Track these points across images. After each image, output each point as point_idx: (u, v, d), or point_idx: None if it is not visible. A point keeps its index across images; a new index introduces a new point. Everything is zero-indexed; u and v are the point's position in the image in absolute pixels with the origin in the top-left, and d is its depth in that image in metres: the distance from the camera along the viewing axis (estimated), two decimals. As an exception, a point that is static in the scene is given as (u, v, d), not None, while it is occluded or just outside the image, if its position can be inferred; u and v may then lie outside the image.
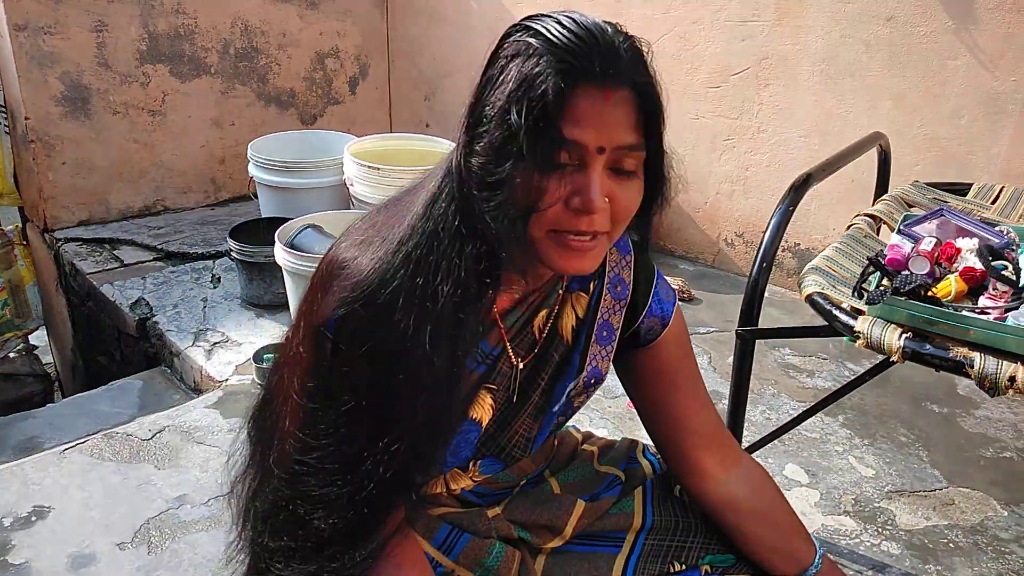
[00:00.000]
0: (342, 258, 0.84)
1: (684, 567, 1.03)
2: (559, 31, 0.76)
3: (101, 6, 3.27)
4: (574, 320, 0.98)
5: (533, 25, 0.79)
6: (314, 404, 0.84)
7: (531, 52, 0.76)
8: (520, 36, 0.79)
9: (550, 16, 0.79)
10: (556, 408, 0.99)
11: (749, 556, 1.05)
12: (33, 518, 1.79)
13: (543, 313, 0.96)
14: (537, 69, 0.75)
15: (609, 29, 0.79)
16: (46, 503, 1.83)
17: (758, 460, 1.82)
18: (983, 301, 1.33)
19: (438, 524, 1.00)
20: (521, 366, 0.96)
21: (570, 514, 1.05)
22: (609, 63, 0.76)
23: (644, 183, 0.83)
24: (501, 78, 0.78)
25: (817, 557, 1.03)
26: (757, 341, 1.56)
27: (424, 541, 0.98)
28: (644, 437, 1.23)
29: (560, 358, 0.98)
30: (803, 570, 1.03)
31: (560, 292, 0.97)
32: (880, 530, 1.80)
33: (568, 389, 0.99)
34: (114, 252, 3.28)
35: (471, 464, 1.00)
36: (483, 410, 0.95)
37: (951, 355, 1.25)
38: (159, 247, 3.27)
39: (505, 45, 0.80)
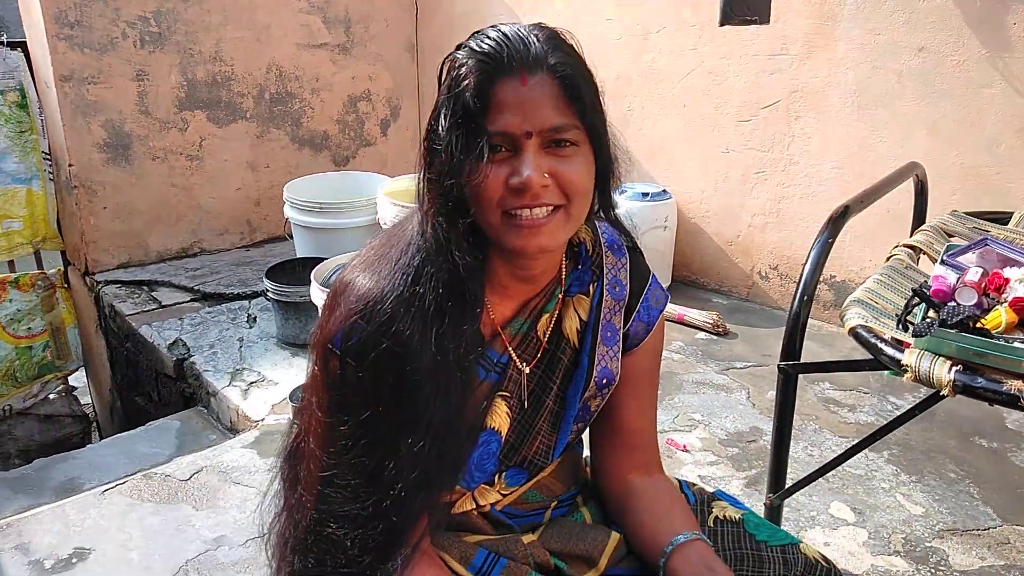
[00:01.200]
0: (346, 279, 0.90)
1: None
2: (482, 39, 0.85)
3: (142, 56, 3.38)
4: (578, 323, 1.00)
5: (467, 42, 0.87)
6: (330, 419, 0.88)
7: (458, 63, 0.85)
8: (454, 53, 0.87)
9: (481, 31, 0.88)
10: (572, 413, 1.00)
11: (634, 547, 1.02)
12: (74, 560, 1.80)
13: (545, 318, 0.98)
14: (461, 75, 0.84)
15: (526, 27, 0.87)
16: (86, 544, 1.84)
17: (801, 497, 1.78)
18: (1035, 332, 1.29)
19: (475, 550, 0.99)
20: (528, 371, 0.98)
21: (604, 545, 1.04)
22: (522, 53, 0.83)
23: (591, 158, 0.88)
24: (440, 91, 0.87)
25: (691, 534, 0.97)
26: (799, 378, 1.54)
27: (460, 566, 0.97)
28: (681, 475, 1.21)
29: (569, 361, 1.00)
30: (672, 537, 0.97)
31: (560, 296, 0.99)
32: (933, 571, 1.74)
33: (581, 392, 1.00)
34: (152, 294, 3.34)
35: (496, 478, 1.00)
36: (500, 418, 0.97)
37: (1005, 388, 1.21)
38: (196, 288, 3.32)
39: (445, 64, 0.88)
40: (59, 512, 1.96)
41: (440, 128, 0.84)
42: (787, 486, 1.63)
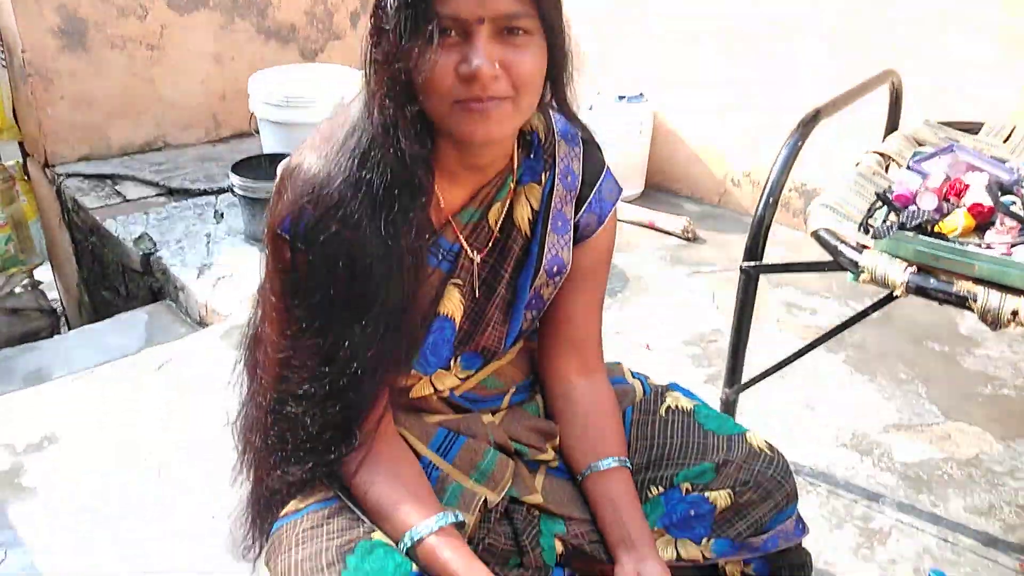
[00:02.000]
0: (294, 163, 0.88)
1: (663, 489, 1.05)
2: None
3: (95, -67, 3.18)
4: (529, 212, 1.00)
5: None
6: (284, 303, 0.89)
7: None
8: None
9: None
10: (523, 301, 1.01)
11: (563, 447, 1.08)
12: (44, 444, 1.83)
13: (496, 206, 0.98)
14: None
15: None
16: (56, 430, 1.87)
17: (759, 393, 1.85)
18: (990, 236, 1.33)
19: (435, 429, 1.03)
20: (479, 259, 0.99)
21: (554, 437, 1.09)
22: None
23: (544, 47, 0.85)
24: None
25: (612, 460, 1.03)
26: (763, 281, 1.57)
27: (421, 444, 1.01)
28: (641, 370, 1.24)
29: (520, 250, 1.00)
30: (595, 461, 1.04)
31: (512, 185, 0.99)
32: (876, 462, 1.83)
33: (532, 280, 1.01)
34: (116, 188, 3.26)
35: (452, 363, 1.02)
36: (453, 305, 0.98)
37: (955, 290, 1.25)
38: (161, 183, 3.25)
39: None
40: (27, 399, 1.98)
41: (388, 5, 0.80)
42: (743, 382, 1.69)
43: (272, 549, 0.88)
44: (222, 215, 3.02)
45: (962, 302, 1.24)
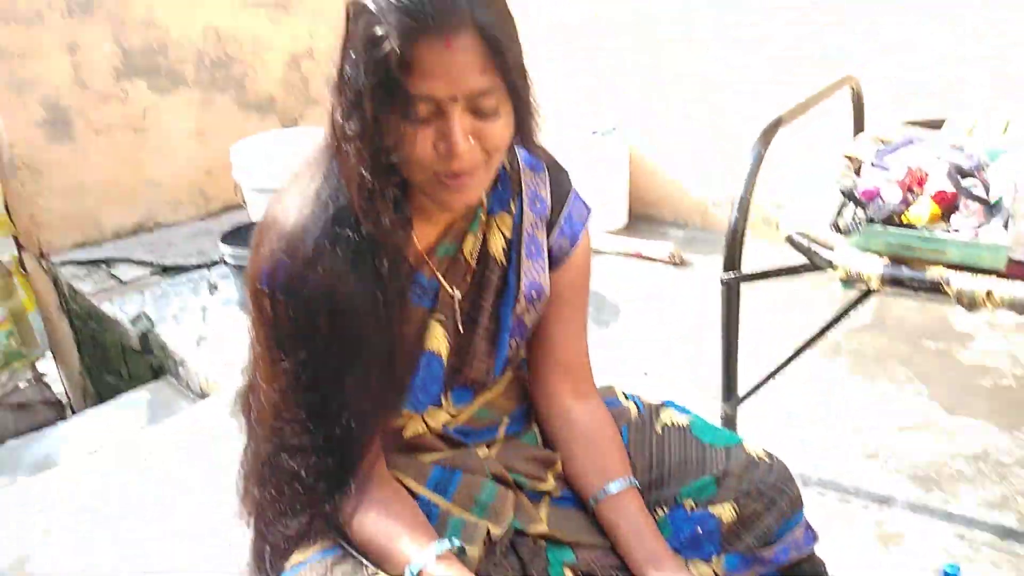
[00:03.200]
0: (269, 217, 0.90)
1: (667, 509, 1.05)
2: None
3: (72, 26, 3.28)
4: (503, 241, 1.01)
5: None
6: (271, 356, 0.89)
7: (370, 11, 0.78)
8: None
9: None
10: (507, 329, 1.02)
11: (567, 474, 1.07)
12: (52, 529, 1.82)
13: (470, 239, 0.99)
14: (377, 30, 0.77)
15: None
16: (63, 514, 1.86)
17: (761, 407, 1.85)
18: (956, 221, 1.34)
19: (430, 468, 1.02)
20: (459, 296, 0.99)
21: (554, 464, 1.08)
22: (446, 10, 0.77)
23: (512, 111, 0.86)
24: (349, 38, 0.81)
25: (622, 481, 1.03)
26: (757, 299, 1.58)
27: (417, 485, 1.00)
28: (636, 392, 1.25)
29: (499, 280, 1.01)
30: (605, 484, 1.03)
31: (483, 217, 1.00)
32: (884, 464, 1.82)
33: (512, 308, 1.01)
34: (111, 271, 3.31)
35: (443, 399, 1.03)
36: (438, 341, 0.98)
37: (928, 276, 1.26)
38: (155, 262, 3.29)
39: (352, 4, 0.82)
40: (33, 484, 1.98)
41: (357, 82, 0.80)
42: (739, 395, 1.69)
43: None
44: (216, 287, 3.05)
45: (937, 287, 1.25)
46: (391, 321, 0.89)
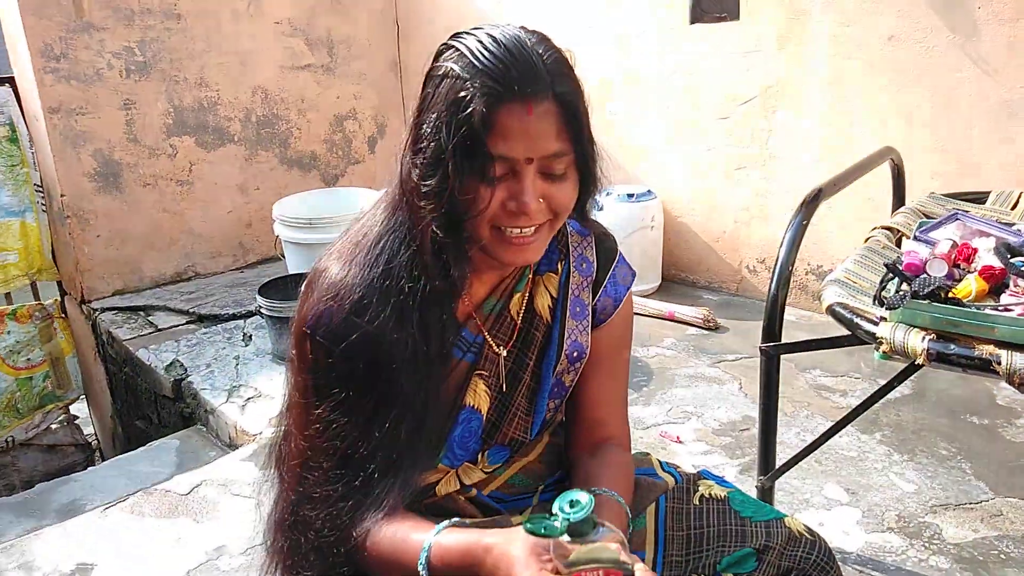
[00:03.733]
0: (320, 267, 0.93)
1: (705, 575, 1.02)
2: (481, 52, 0.83)
3: (128, 85, 3.42)
4: (549, 300, 1.03)
5: (457, 45, 0.86)
6: (305, 401, 0.91)
7: (456, 75, 0.83)
8: (447, 56, 0.86)
9: (472, 34, 0.86)
10: (547, 388, 1.03)
11: None
12: (77, 574, 1.81)
13: (517, 297, 1.01)
14: (463, 93, 0.82)
15: (529, 41, 0.85)
16: (88, 560, 1.86)
17: (798, 482, 1.80)
18: (1005, 299, 1.32)
19: None
20: (504, 353, 1.01)
21: None
22: (529, 79, 0.82)
23: (578, 177, 0.90)
24: (433, 100, 0.85)
25: (600, 491, 0.97)
26: (790, 366, 1.56)
27: None
28: (675, 462, 1.23)
29: (543, 338, 1.02)
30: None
31: (530, 276, 1.02)
32: (927, 545, 1.75)
33: (553, 366, 1.02)
34: (148, 318, 3.37)
35: (479, 456, 1.03)
36: (479, 397, 0.99)
37: (976, 353, 1.24)
38: (191, 311, 3.35)
39: (436, 66, 0.87)
40: (61, 531, 1.98)
41: (441, 140, 0.84)
42: (777, 467, 1.65)
43: None
44: (250, 337, 3.09)
45: (986, 365, 1.22)
46: (431, 374, 0.90)
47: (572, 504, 0.74)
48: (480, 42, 0.85)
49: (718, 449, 2.17)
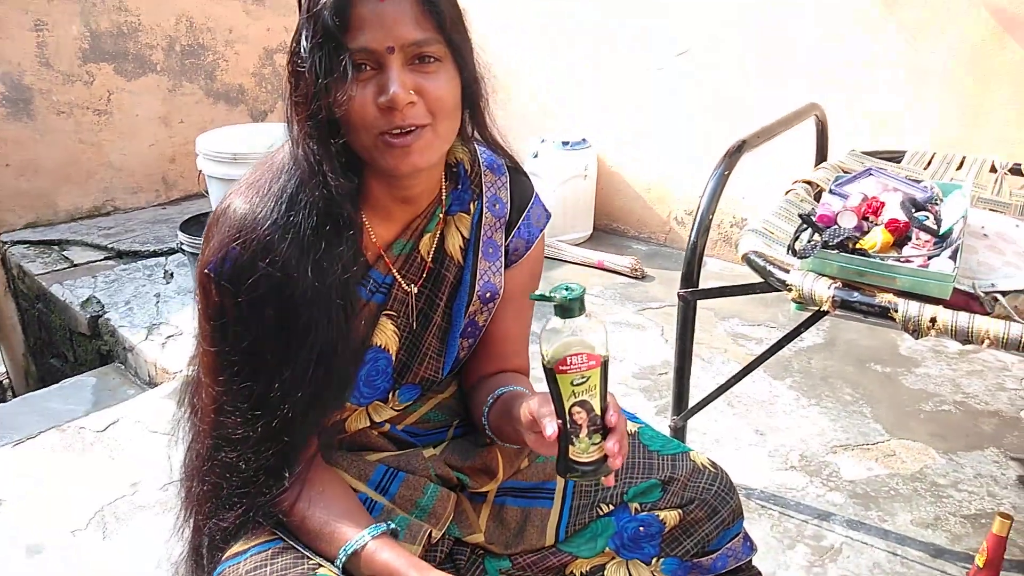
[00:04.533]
0: (222, 207, 0.90)
1: (612, 507, 1.06)
2: None
3: (39, 4, 3.21)
4: (460, 240, 1.02)
5: None
6: (215, 348, 0.89)
7: None
8: None
9: None
10: (458, 328, 1.03)
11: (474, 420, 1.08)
12: (-14, 513, 1.77)
13: (427, 237, 1.00)
14: None
15: None
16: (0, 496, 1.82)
17: (709, 421, 1.88)
18: (907, 251, 1.39)
19: (374, 467, 1.03)
20: (415, 291, 1.00)
21: (499, 457, 1.09)
22: None
23: (457, 74, 0.89)
24: (300, 20, 0.85)
25: (509, 387, 1.03)
26: (710, 315, 1.61)
27: (359, 483, 1.01)
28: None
29: (454, 279, 1.02)
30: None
31: (441, 216, 1.01)
32: (825, 482, 1.87)
33: (465, 307, 1.03)
34: (63, 253, 3.23)
35: (391, 395, 1.03)
36: (387, 336, 0.99)
37: (877, 301, 1.31)
38: (110, 246, 3.23)
39: None
40: (-31, 467, 1.92)
41: (302, 50, 0.84)
42: (689, 407, 1.72)
43: None
44: (172, 275, 3.01)
45: (884, 313, 1.29)
46: (337, 316, 0.89)
47: (567, 289, 0.82)
48: None
49: (636, 391, 2.24)
